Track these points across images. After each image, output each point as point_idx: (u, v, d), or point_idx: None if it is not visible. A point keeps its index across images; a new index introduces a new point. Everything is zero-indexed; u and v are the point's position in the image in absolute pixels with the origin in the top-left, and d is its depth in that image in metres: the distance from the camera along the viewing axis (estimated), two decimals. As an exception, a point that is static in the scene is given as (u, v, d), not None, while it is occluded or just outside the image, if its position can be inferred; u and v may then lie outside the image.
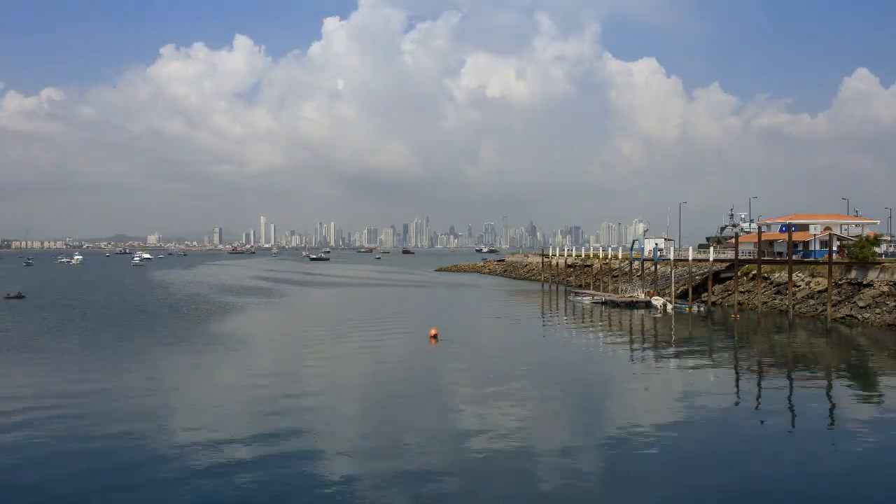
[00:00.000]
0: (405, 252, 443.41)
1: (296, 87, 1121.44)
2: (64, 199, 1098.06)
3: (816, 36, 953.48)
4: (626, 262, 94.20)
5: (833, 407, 29.76)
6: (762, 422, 27.24)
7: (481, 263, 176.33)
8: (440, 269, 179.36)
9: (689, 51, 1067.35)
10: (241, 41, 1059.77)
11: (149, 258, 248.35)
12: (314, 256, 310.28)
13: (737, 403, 30.45)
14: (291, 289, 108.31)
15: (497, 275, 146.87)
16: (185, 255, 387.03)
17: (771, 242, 78.37)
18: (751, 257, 73.71)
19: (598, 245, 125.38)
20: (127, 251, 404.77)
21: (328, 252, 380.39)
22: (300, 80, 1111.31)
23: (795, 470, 21.14)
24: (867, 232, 75.78)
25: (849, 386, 34.78)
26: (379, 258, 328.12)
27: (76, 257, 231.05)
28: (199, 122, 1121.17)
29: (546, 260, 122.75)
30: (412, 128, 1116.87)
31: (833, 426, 26.79)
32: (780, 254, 74.41)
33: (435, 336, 47.19)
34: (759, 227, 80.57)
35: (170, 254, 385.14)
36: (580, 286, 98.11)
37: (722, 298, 72.23)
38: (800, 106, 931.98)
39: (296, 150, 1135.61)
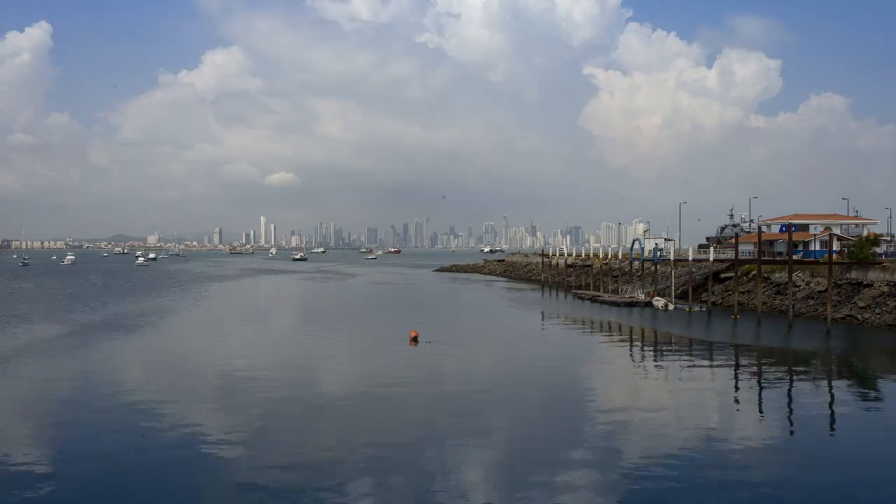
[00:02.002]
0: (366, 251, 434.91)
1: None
2: (64, 199, 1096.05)
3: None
4: (626, 262, 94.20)
5: (833, 407, 29.70)
6: (761, 422, 27.19)
7: (481, 264, 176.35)
8: (440, 269, 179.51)
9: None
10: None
11: (153, 258, 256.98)
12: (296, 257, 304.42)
13: (736, 403, 30.45)
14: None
15: (497, 275, 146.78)
16: (180, 255, 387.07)
17: (771, 242, 78.38)
18: (751, 257, 73.68)
19: (598, 245, 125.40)
20: (126, 251, 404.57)
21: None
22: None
23: (795, 470, 21.10)
24: (867, 232, 75.82)
25: (848, 386, 34.78)
26: (375, 258, 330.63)
27: (68, 257, 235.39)
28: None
29: (546, 260, 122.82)
30: (414, 128, 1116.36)
31: (833, 426, 26.76)
32: (780, 254, 74.40)
33: (415, 338, 46.59)
34: (759, 227, 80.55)
35: (173, 254, 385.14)
36: (580, 286, 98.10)
37: (722, 298, 72.18)
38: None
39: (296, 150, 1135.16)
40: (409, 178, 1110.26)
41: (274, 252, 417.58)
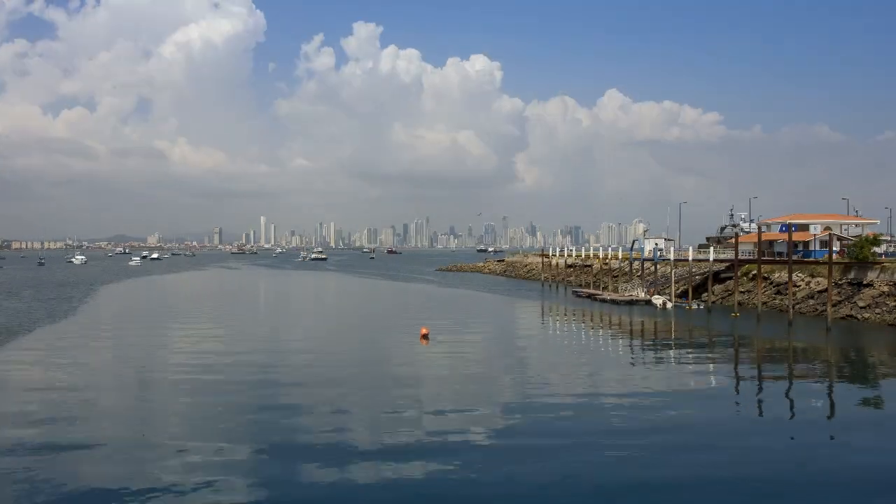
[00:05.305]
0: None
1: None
2: (64, 199, 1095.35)
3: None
4: (626, 262, 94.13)
5: (833, 406, 29.68)
6: (762, 420, 27.17)
7: (481, 263, 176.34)
8: (440, 269, 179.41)
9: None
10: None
11: (156, 258, 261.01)
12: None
13: (736, 402, 30.39)
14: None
15: (497, 275, 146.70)
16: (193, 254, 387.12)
17: (771, 242, 78.26)
18: (751, 257, 73.63)
19: (598, 245, 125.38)
20: (127, 251, 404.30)
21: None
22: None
23: (795, 470, 21.02)
24: (867, 232, 75.72)
25: (848, 385, 34.67)
26: (373, 258, 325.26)
27: (78, 257, 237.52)
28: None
29: (546, 260, 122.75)
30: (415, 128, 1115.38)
31: (833, 426, 26.74)
32: (780, 254, 74.30)
33: (426, 336, 46.86)
34: (759, 227, 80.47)
35: (173, 254, 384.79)
36: (580, 285, 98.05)
37: (722, 298, 72.13)
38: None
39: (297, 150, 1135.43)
40: (409, 177, 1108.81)
41: (278, 252, 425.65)
